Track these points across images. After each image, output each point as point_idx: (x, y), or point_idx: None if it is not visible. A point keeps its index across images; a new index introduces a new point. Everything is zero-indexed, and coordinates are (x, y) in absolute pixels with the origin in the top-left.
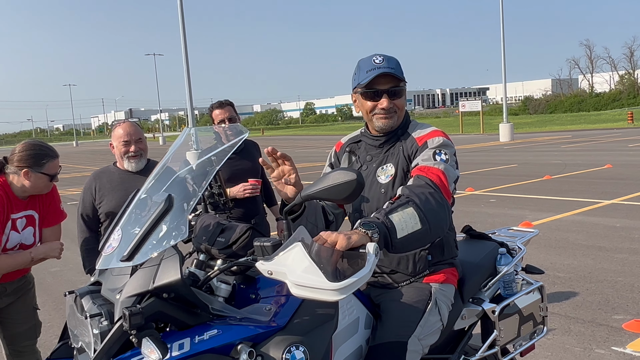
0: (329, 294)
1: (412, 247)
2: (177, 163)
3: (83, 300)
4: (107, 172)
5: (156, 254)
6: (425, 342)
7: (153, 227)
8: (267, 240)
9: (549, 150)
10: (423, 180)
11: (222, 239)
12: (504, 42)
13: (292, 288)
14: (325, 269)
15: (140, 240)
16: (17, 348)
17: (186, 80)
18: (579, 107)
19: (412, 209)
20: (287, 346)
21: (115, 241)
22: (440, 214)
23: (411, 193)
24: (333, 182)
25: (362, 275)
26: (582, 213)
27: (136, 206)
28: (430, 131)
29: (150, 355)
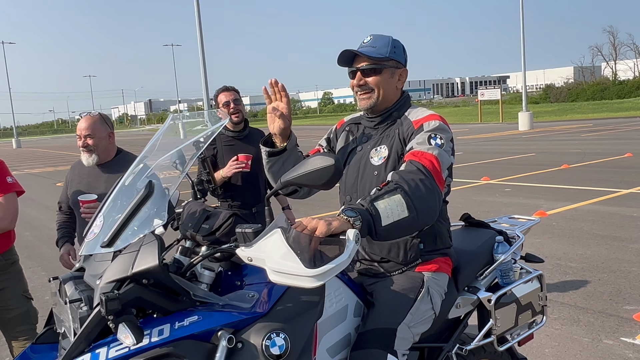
0: (306, 280)
1: (398, 234)
2: (162, 149)
3: (66, 286)
4: (78, 164)
5: (136, 240)
6: (415, 329)
7: (133, 213)
8: (249, 226)
9: (568, 139)
10: (415, 165)
11: (207, 226)
12: (523, 30)
13: (270, 274)
14: (303, 256)
15: (121, 226)
16: (12, 333)
17: (202, 70)
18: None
19: (399, 196)
20: (267, 333)
21: (97, 227)
22: (430, 201)
23: (401, 179)
24: (312, 167)
25: (339, 262)
26: (599, 202)
27: (120, 192)
28: (428, 115)
29: (125, 340)
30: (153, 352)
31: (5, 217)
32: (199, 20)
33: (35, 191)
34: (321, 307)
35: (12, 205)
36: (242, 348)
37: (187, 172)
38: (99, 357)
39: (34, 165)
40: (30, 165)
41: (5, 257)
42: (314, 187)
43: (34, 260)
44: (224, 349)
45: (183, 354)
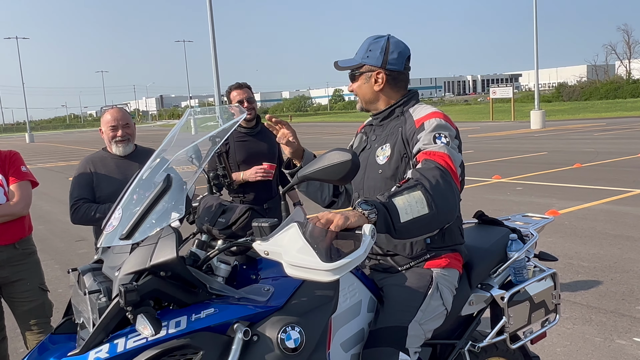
0: (322, 274)
1: (419, 232)
2: (179, 143)
3: (85, 278)
4: (99, 157)
5: (154, 233)
6: (427, 326)
7: (152, 206)
8: (265, 220)
9: (581, 138)
10: (432, 163)
11: (223, 220)
12: (536, 27)
13: (286, 268)
14: (319, 250)
15: (139, 219)
16: (27, 326)
17: (214, 67)
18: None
19: (419, 192)
20: (283, 326)
21: (115, 220)
22: (450, 199)
23: (421, 176)
24: (329, 162)
25: (356, 257)
26: (612, 202)
27: (137, 186)
28: (429, 113)
29: (143, 331)
30: (170, 343)
31: (18, 203)
32: (211, 16)
33: (48, 185)
34: (336, 302)
35: (25, 192)
36: (258, 341)
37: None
38: (117, 347)
39: (46, 160)
40: (43, 160)
41: (22, 247)
42: (330, 182)
43: (47, 253)
44: (240, 342)
45: (199, 345)
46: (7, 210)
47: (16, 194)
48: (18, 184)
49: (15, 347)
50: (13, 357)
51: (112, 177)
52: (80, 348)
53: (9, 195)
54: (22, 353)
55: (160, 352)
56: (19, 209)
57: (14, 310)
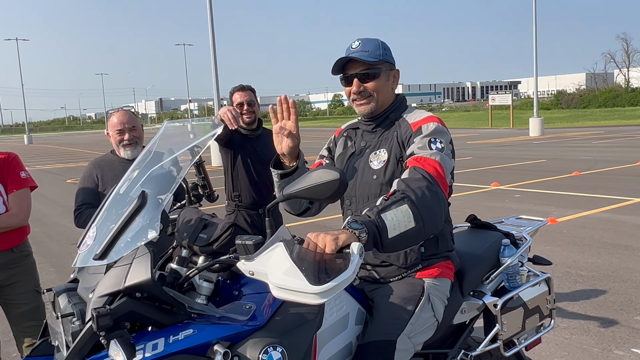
0: (310, 297)
1: (404, 246)
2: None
3: (59, 299)
4: (107, 160)
5: (129, 252)
6: (416, 339)
7: (126, 224)
8: (249, 238)
9: (579, 146)
10: (419, 172)
11: (204, 236)
12: (536, 35)
13: (273, 290)
14: (307, 272)
15: (113, 237)
16: (21, 329)
17: (213, 70)
18: (613, 103)
19: (406, 206)
20: (264, 346)
21: (90, 239)
22: (436, 210)
23: (407, 188)
24: (315, 181)
25: (345, 278)
26: (610, 210)
27: (113, 201)
28: (425, 117)
29: (116, 358)
30: None
31: (18, 214)
32: (211, 20)
33: (45, 188)
34: (320, 318)
35: (25, 202)
36: None
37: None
38: None
39: (45, 162)
40: (41, 162)
41: (19, 250)
42: (317, 200)
43: (43, 256)
44: None
45: None
46: (6, 222)
47: (16, 205)
48: (18, 193)
49: (8, 351)
50: None
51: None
52: None
53: (8, 204)
54: (15, 357)
55: None
56: (18, 220)
57: (7, 313)
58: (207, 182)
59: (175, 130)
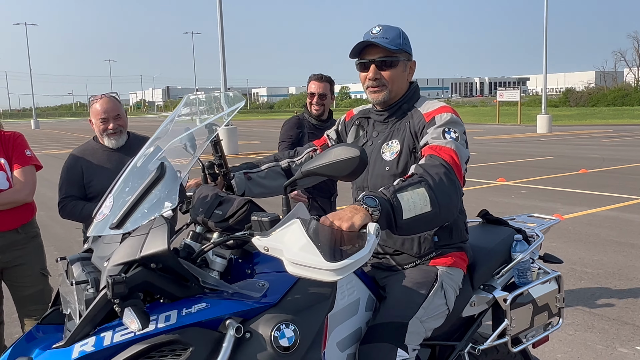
0: (326, 274)
1: (419, 229)
2: (175, 131)
3: (73, 267)
4: (90, 149)
5: (146, 223)
6: (427, 324)
7: (144, 195)
8: (265, 215)
9: (587, 143)
10: (437, 160)
11: (220, 212)
12: (546, 32)
13: (287, 266)
14: (323, 248)
15: (130, 208)
16: (26, 312)
17: (221, 60)
18: (622, 102)
19: (423, 189)
20: (276, 324)
21: (106, 208)
22: (452, 196)
23: (425, 172)
24: (335, 158)
25: (361, 256)
26: (617, 209)
27: (130, 174)
28: (439, 107)
29: (130, 325)
30: (158, 338)
31: (23, 189)
32: (220, 8)
33: (51, 172)
34: (333, 300)
35: (30, 177)
36: (250, 338)
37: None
38: (103, 340)
39: (51, 147)
40: (47, 147)
41: (25, 231)
42: (336, 178)
43: (47, 240)
44: (232, 339)
45: (189, 341)
46: (11, 198)
47: (20, 180)
48: (22, 170)
49: (11, 332)
50: (8, 341)
51: (104, 172)
52: (65, 340)
53: (13, 180)
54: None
55: (147, 347)
56: (23, 196)
57: (14, 295)
58: (223, 161)
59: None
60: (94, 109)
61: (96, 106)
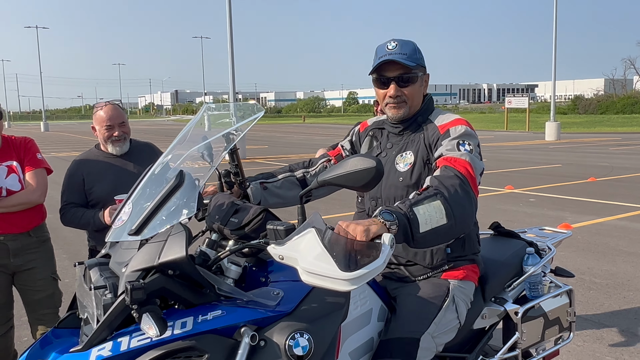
0: (340, 283)
1: (435, 242)
2: (193, 139)
3: (91, 272)
4: (92, 157)
5: (164, 230)
6: (439, 340)
7: (163, 203)
8: (280, 223)
9: (596, 151)
10: (452, 171)
11: (235, 220)
12: (555, 39)
13: (302, 275)
14: (338, 258)
15: (149, 214)
16: (36, 316)
17: (230, 64)
18: (632, 109)
19: (439, 202)
20: (291, 332)
21: (125, 214)
22: (467, 208)
23: (440, 185)
24: (351, 168)
25: (375, 267)
26: (626, 218)
27: (149, 181)
28: (453, 119)
29: (148, 331)
30: (175, 344)
31: (35, 191)
32: (229, 13)
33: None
34: (346, 309)
35: (41, 180)
36: (265, 346)
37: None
38: (120, 345)
39: (60, 149)
40: (56, 149)
41: (37, 234)
42: (351, 188)
43: (56, 243)
44: (247, 346)
45: (205, 348)
46: (24, 199)
47: (32, 182)
48: (34, 172)
49: (19, 335)
50: (17, 345)
51: (106, 179)
52: (83, 344)
53: (25, 183)
54: (27, 342)
55: (164, 353)
56: (35, 197)
57: (24, 299)
58: (239, 170)
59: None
60: (98, 116)
61: (100, 113)
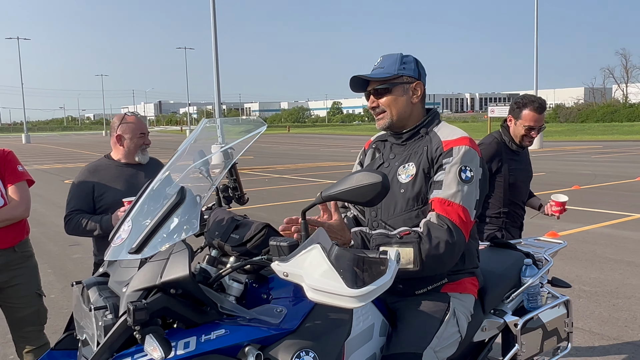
0: (348, 300)
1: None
2: (192, 154)
3: (90, 292)
4: (104, 165)
5: (165, 248)
6: (441, 354)
7: (164, 220)
8: (283, 240)
9: (578, 160)
10: (444, 222)
11: (237, 236)
12: (536, 48)
13: (308, 292)
14: (345, 275)
15: (150, 232)
16: (20, 334)
17: (214, 75)
18: (611, 118)
19: (411, 249)
20: (296, 351)
21: (125, 232)
22: (446, 261)
23: (427, 235)
24: (357, 183)
25: (382, 283)
26: (611, 226)
27: (148, 197)
28: (458, 137)
29: (152, 353)
30: None
31: (19, 206)
32: (214, 25)
33: (43, 187)
34: (350, 326)
35: (24, 193)
36: None
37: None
38: None
39: (42, 161)
40: (39, 161)
41: (21, 249)
42: (356, 204)
43: (40, 257)
44: None
45: None
46: (8, 215)
47: (16, 197)
48: (16, 186)
49: (6, 353)
50: None
51: (117, 186)
52: None
53: (7, 198)
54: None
55: None
56: (20, 212)
57: (8, 316)
58: (238, 184)
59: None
60: (132, 125)
61: (133, 123)
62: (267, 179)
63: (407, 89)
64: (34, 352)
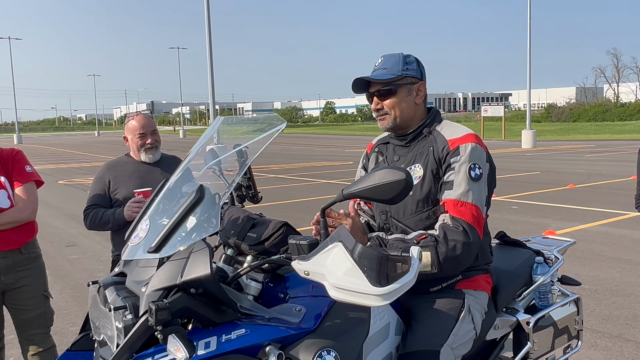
0: (372, 299)
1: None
2: (207, 153)
3: (107, 292)
4: (122, 162)
5: (185, 247)
6: (458, 351)
7: (183, 219)
8: (303, 238)
9: (572, 158)
10: (459, 223)
11: (254, 235)
12: (530, 48)
13: (330, 290)
14: (369, 273)
15: (169, 231)
16: (27, 336)
17: (209, 75)
18: (603, 117)
19: (428, 254)
20: (318, 350)
21: (142, 231)
22: (462, 262)
23: (444, 238)
24: (379, 180)
25: (406, 281)
26: (608, 224)
27: (165, 196)
28: (464, 135)
29: (176, 354)
30: None
31: (25, 208)
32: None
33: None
34: (369, 325)
35: (32, 195)
36: None
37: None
38: None
39: (35, 162)
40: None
41: (28, 251)
42: (378, 201)
43: None
44: None
45: None
46: (14, 217)
47: (23, 199)
48: (24, 187)
49: (11, 354)
50: None
51: (132, 181)
52: None
53: (14, 199)
54: None
55: None
56: (26, 215)
57: (14, 318)
58: (252, 183)
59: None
60: (131, 125)
61: (133, 123)
62: (262, 179)
63: (411, 90)
64: (40, 354)
